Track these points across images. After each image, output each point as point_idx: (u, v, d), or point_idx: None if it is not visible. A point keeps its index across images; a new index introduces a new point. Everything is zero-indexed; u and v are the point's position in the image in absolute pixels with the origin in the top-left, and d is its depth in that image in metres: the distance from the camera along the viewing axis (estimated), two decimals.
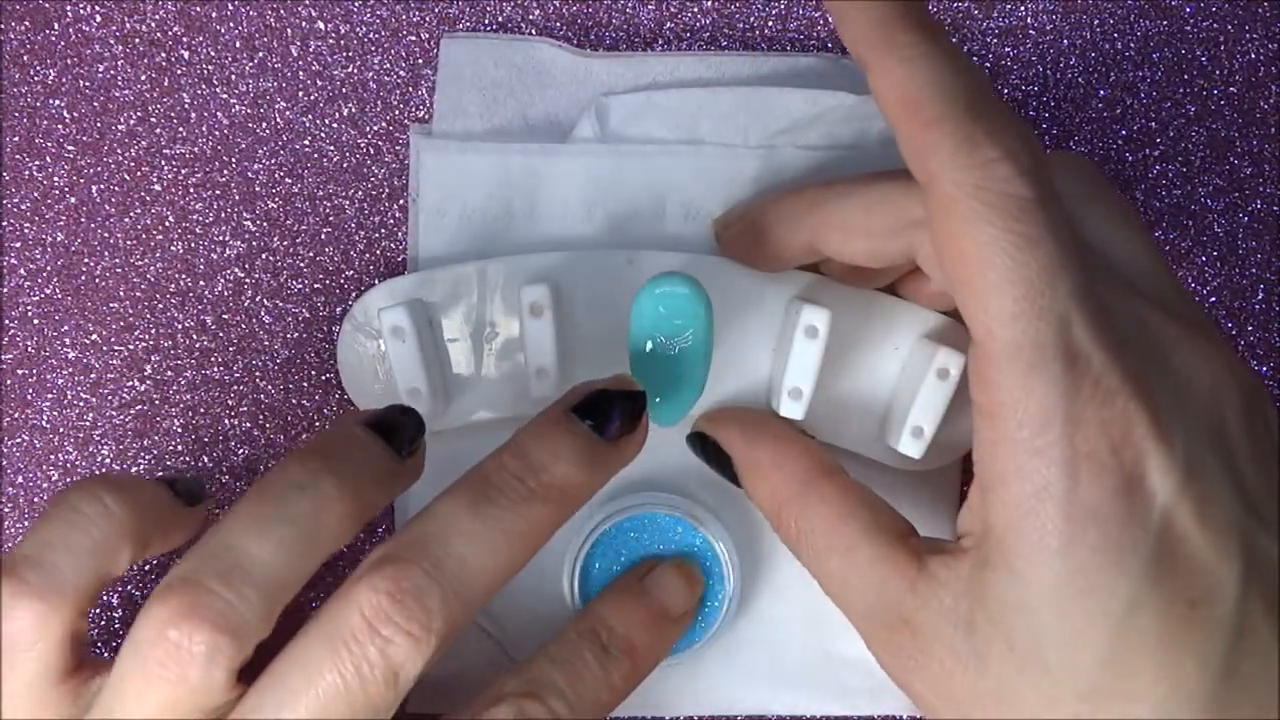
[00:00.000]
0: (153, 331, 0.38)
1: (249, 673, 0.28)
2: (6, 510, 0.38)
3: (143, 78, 0.38)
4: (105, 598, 0.38)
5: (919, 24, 0.27)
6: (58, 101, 0.38)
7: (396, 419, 0.31)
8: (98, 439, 0.38)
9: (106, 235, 0.38)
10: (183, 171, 0.38)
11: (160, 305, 0.38)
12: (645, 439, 0.31)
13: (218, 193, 0.38)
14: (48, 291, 0.38)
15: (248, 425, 0.38)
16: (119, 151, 0.38)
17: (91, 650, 0.38)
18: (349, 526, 0.29)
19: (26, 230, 0.38)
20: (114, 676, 0.28)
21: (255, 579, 0.27)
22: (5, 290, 0.38)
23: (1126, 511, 0.26)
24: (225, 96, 0.38)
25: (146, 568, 0.38)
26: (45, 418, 0.38)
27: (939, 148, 0.26)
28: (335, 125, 0.38)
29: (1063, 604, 0.27)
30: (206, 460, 0.38)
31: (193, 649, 0.27)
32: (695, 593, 0.35)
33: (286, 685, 0.27)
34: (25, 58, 0.38)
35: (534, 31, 0.38)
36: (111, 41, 0.38)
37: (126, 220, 0.38)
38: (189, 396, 0.38)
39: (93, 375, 0.38)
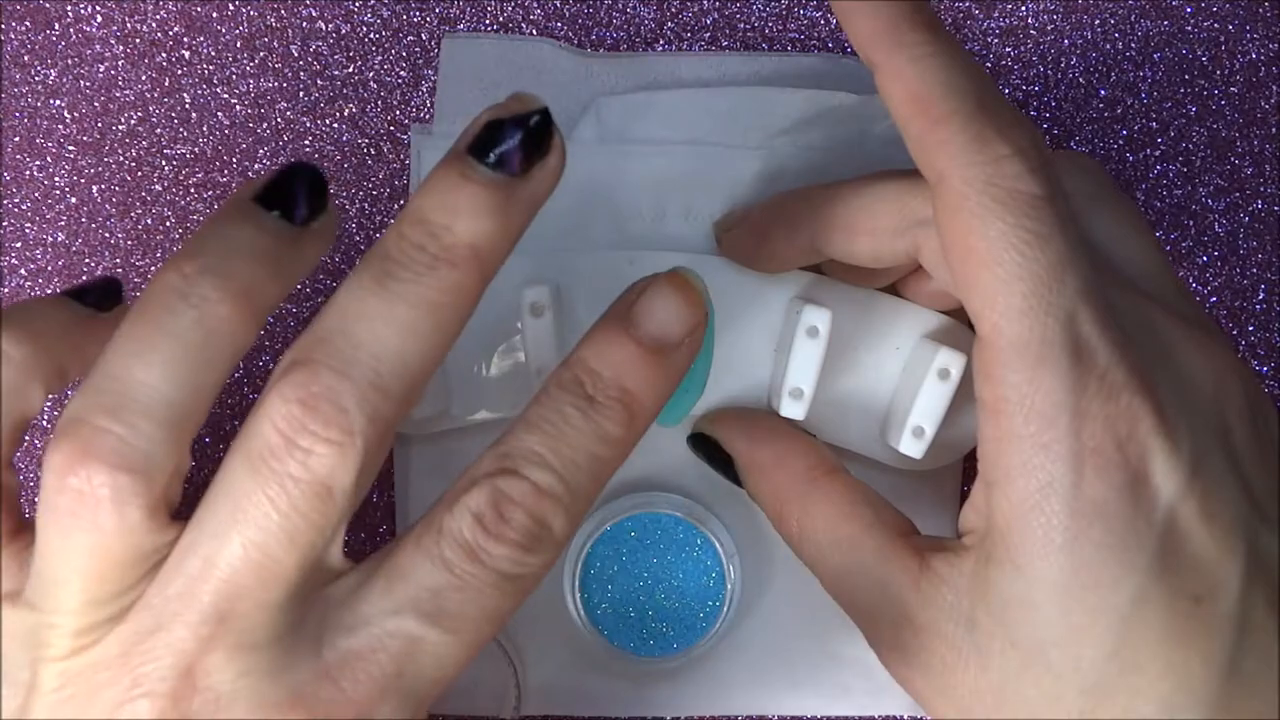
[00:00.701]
0: None
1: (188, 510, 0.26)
2: None
3: (143, 78, 0.38)
4: None
5: (927, 23, 0.27)
6: (58, 101, 0.38)
7: (283, 181, 0.27)
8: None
9: (107, 235, 0.38)
10: (183, 172, 0.38)
11: None
12: (563, 161, 0.27)
13: (218, 193, 0.38)
14: (48, 291, 0.38)
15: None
16: (120, 151, 0.38)
17: None
18: (245, 328, 0.26)
19: (27, 230, 0.38)
20: (37, 539, 0.26)
21: (146, 407, 0.25)
22: (6, 291, 0.38)
23: (1131, 507, 0.26)
24: (226, 96, 0.38)
25: None
26: (45, 417, 0.38)
27: (949, 144, 0.27)
28: (336, 125, 0.38)
29: (1067, 599, 0.27)
30: (207, 461, 0.38)
31: (96, 492, 0.24)
32: (698, 308, 0.28)
33: (217, 517, 0.25)
34: (26, 58, 0.38)
35: (534, 32, 0.38)
36: (112, 41, 0.38)
37: (127, 220, 0.38)
38: None
39: None
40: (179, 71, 0.38)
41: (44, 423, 0.38)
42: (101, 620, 0.25)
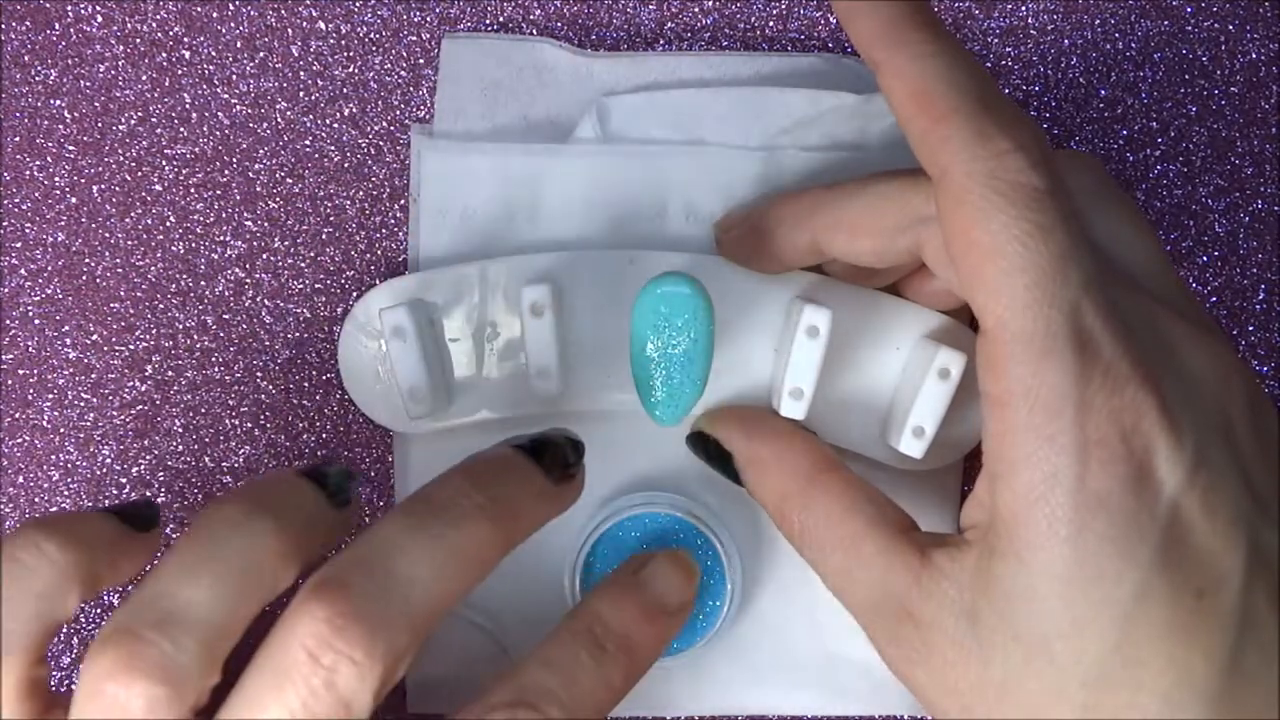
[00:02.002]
0: (154, 332, 0.38)
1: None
2: (7, 511, 0.38)
3: (144, 78, 0.38)
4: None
5: (928, 23, 0.27)
6: (59, 102, 0.38)
7: (324, 469, 0.30)
8: (98, 439, 0.38)
9: (107, 235, 0.38)
10: (184, 171, 0.38)
11: (161, 305, 0.38)
12: (581, 490, 0.31)
13: (219, 193, 0.38)
14: (49, 292, 0.38)
15: (249, 425, 0.38)
16: (120, 151, 0.38)
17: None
18: (287, 568, 0.28)
19: (27, 230, 0.38)
20: None
21: (191, 625, 0.26)
22: (6, 290, 0.38)
23: (1135, 500, 0.26)
24: (226, 96, 0.38)
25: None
26: (46, 418, 0.38)
27: (951, 140, 0.27)
28: (336, 125, 0.38)
29: (1070, 592, 0.27)
30: (207, 460, 0.38)
31: (130, 702, 0.26)
32: (692, 584, 0.33)
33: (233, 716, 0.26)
34: (26, 58, 0.38)
35: (535, 32, 0.38)
36: (112, 42, 0.38)
37: (127, 220, 0.38)
38: (190, 397, 0.38)
39: (93, 375, 0.38)
40: (179, 71, 0.38)
41: (44, 422, 0.38)
42: None
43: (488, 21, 0.38)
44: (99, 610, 0.38)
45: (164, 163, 0.38)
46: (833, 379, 0.35)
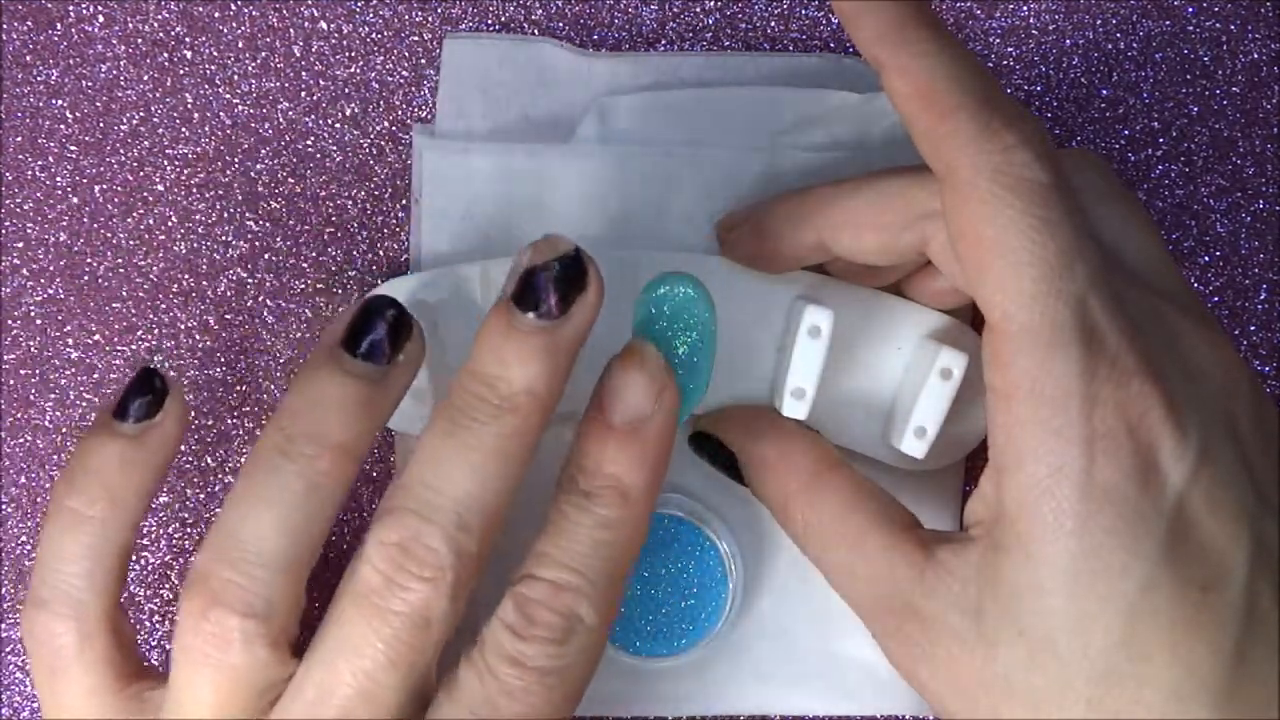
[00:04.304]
0: (155, 332, 0.38)
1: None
2: (9, 511, 0.38)
3: (145, 78, 0.38)
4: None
5: (930, 22, 0.28)
6: (60, 102, 0.38)
7: (364, 321, 0.30)
8: None
9: (109, 235, 0.38)
10: (185, 171, 0.38)
11: (163, 305, 0.38)
12: (601, 292, 0.29)
13: (220, 193, 0.38)
14: (50, 292, 0.38)
15: (250, 425, 0.38)
16: (121, 152, 0.38)
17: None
18: (345, 472, 0.29)
19: (29, 230, 0.38)
20: (170, 679, 0.29)
21: (262, 558, 0.28)
22: (8, 291, 0.38)
23: (1140, 493, 0.27)
24: (228, 96, 0.38)
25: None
26: (48, 418, 0.38)
27: (956, 136, 0.27)
28: (338, 125, 0.38)
29: (1076, 585, 0.27)
30: (209, 460, 0.38)
31: (227, 635, 0.28)
32: (655, 378, 0.30)
33: (327, 648, 0.28)
34: (28, 58, 0.38)
35: (536, 32, 0.38)
36: (114, 42, 0.38)
37: (129, 220, 0.38)
38: (191, 397, 0.38)
39: (95, 375, 0.38)
40: (181, 71, 0.38)
41: (45, 423, 0.38)
42: None
43: (489, 21, 0.38)
44: None
45: (166, 163, 0.38)
46: (835, 379, 0.35)
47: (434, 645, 0.28)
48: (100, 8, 0.38)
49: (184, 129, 0.38)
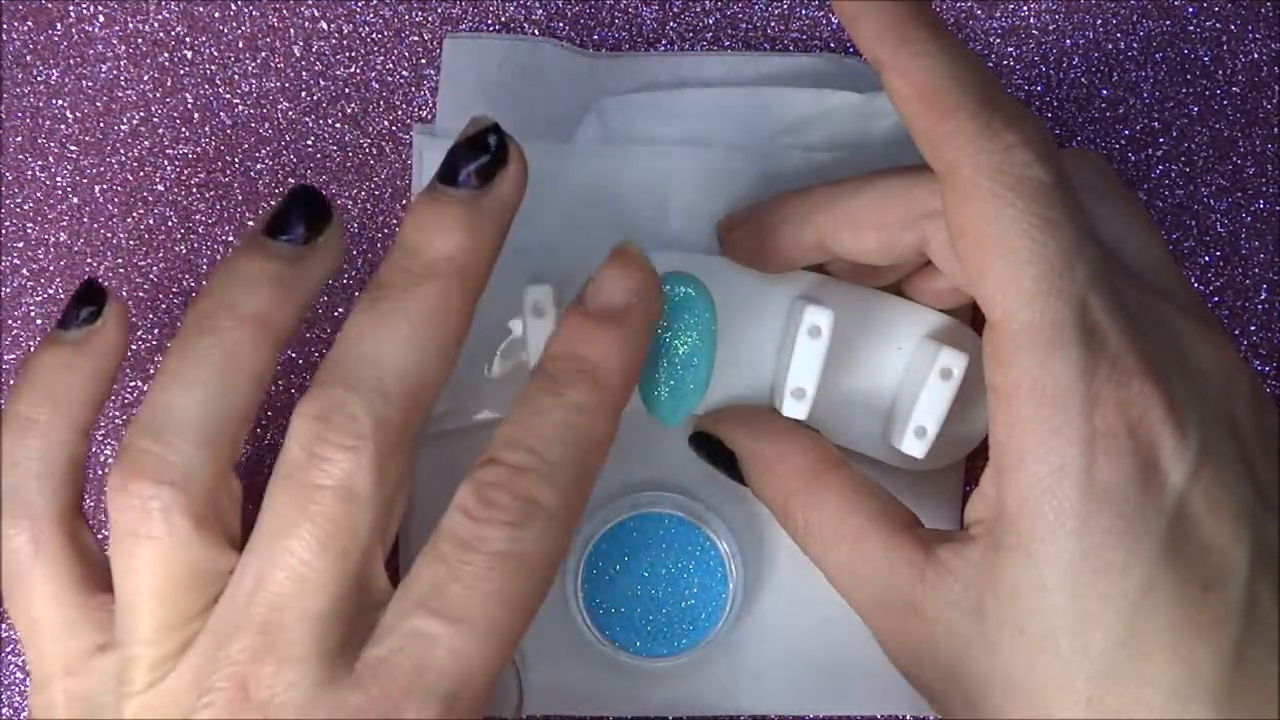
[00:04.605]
0: (155, 332, 0.38)
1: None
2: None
3: (145, 78, 0.38)
4: None
5: (931, 22, 0.28)
6: (60, 102, 0.38)
7: (283, 208, 0.30)
8: (100, 439, 0.38)
9: (109, 235, 0.38)
10: (185, 171, 0.38)
11: (163, 305, 0.38)
12: (523, 168, 0.29)
13: (220, 193, 0.38)
14: (50, 292, 0.38)
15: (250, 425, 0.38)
16: (122, 152, 0.38)
17: None
18: (262, 349, 0.29)
19: (29, 230, 0.38)
20: (112, 571, 0.29)
21: (179, 426, 0.28)
22: (8, 291, 0.38)
23: (1141, 492, 0.27)
24: (228, 96, 0.38)
25: None
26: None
27: (957, 135, 0.27)
28: (338, 125, 0.38)
29: (1077, 584, 0.27)
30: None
31: (146, 505, 0.27)
32: (635, 274, 0.29)
33: (260, 535, 0.28)
34: (28, 58, 0.38)
35: (536, 32, 0.38)
36: (114, 42, 0.38)
37: (129, 220, 0.38)
38: None
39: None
40: (181, 71, 0.38)
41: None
42: (173, 650, 0.28)
43: (489, 21, 0.38)
44: None
45: (166, 163, 0.38)
46: (835, 379, 0.35)
47: (366, 527, 0.27)
48: (100, 8, 0.38)
49: (184, 129, 0.38)
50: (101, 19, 0.38)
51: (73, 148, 0.38)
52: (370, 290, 0.29)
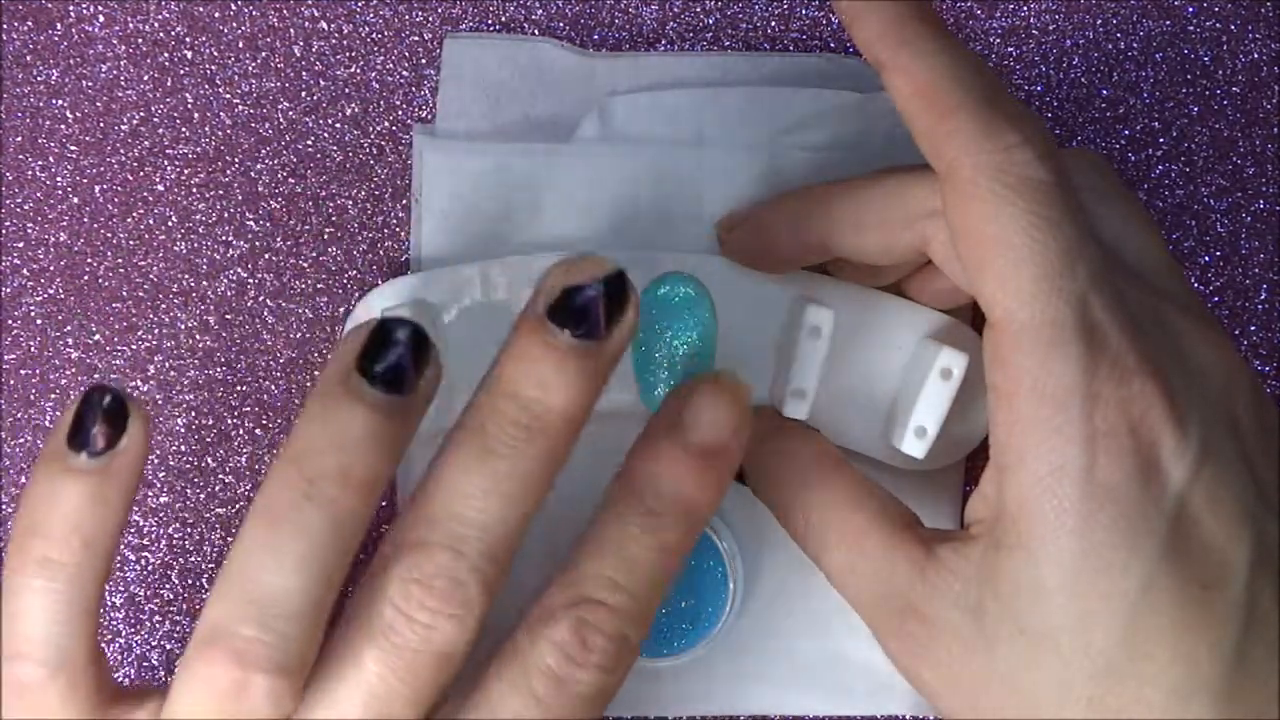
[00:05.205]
0: (155, 332, 0.38)
1: None
2: (9, 511, 0.38)
3: (145, 78, 0.38)
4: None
5: (932, 21, 0.28)
6: (60, 102, 0.38)
7: (382, 342, 0.27)
8: None
9: (109, 235, 0.38)
10: (185, 171, 0.38)
11: (163, 305, 0.38)
12: (638, 315, 0.28)
13: (220, 193, 0.38)
14: (50, 292, 0.38)
15: (250, 425, 0.38)
16: (122, 151, 0.38)
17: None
18: (365, 510, 0.27)
19: (29, 230, 0.38)
20: None
21: (289, 610, 0.26)
22: (8, 291, 0.38)
23: (1141, 492, 0.27)
24: (228, 96, 0.38)
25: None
26: (48, 418, 0.38)
27: (958, 134, 0.27)
28: (338, 125, 0.38)
29: (1077, 583, 0.27)
30: (210, 461, 0.38)
31: (253, 698, 0.26)
32: (743, 408, 0.29)
33: (343, 688, 0.27)
34: (28, 58, 0.38)
35: (537, 32, 0.38)
36: (114, 42, 0.38)
37: (129, 220, 0.38)
38: (191, 397, 0.38)
39: (96, 375, 0.38)
40: (181, 71, 0.38)
41: (46, 422, 0.38)
42: None
43: (490, 21, 0.38)
44: None
45: (166, 163, 0.38)
46: (835, 379, 0.35)
47: (452, 679, 0.27)
48: (100, 8, 0.38)
49: (184, 129, 0.38)
50: (101, 19, 0.38)
51: (73, 148, 0.38)
52: (476, 440, 0.27)
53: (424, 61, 0.38)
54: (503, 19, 0.38)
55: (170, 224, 0.38)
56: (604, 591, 0.27)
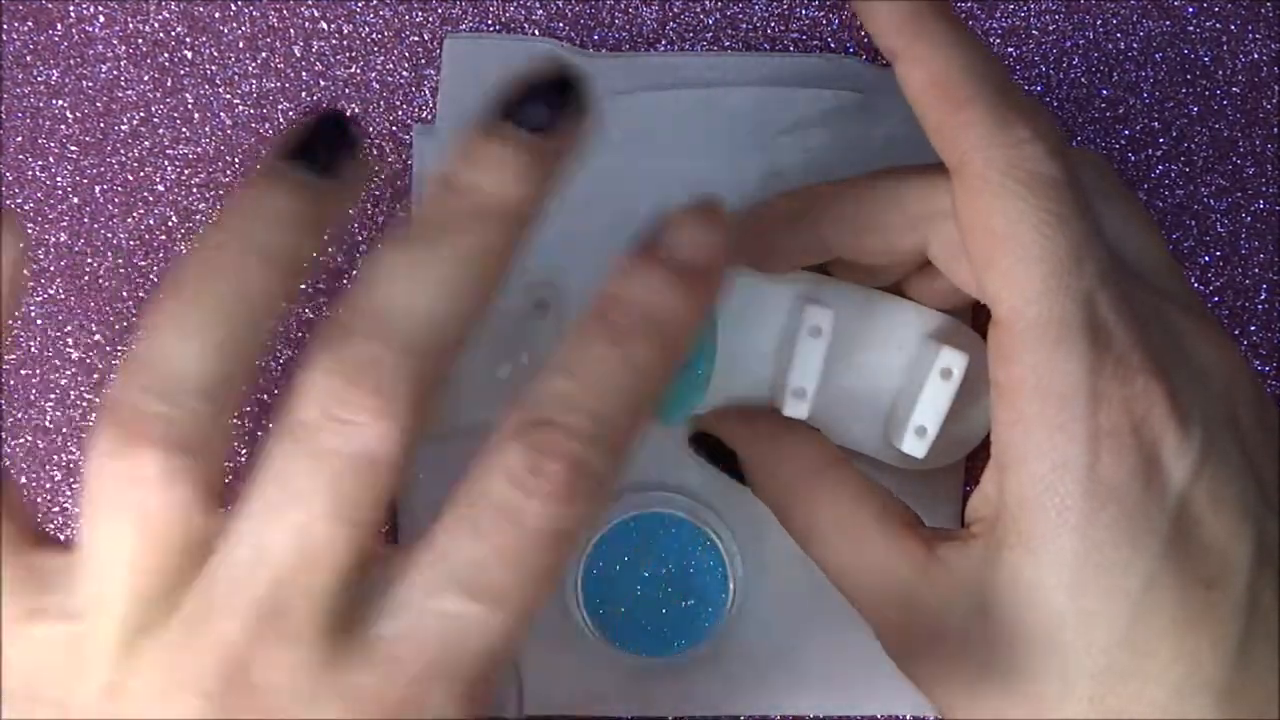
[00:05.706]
0: None
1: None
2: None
3: (146, 78, 0.38)
4: None
5: (947, 14, 0.28)
6: (60, 102, 0.38)
7: (307, 135, 0.25)
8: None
9: (110, 236, 0.38)
10: (186, 172, 0.38)
11: None
12: (592, 121, 0.26)
13: (220, 193, 0.38)
14: (51, 292, 0.38)
15: (250, 425, 0.38)
16: (122, 152, 0.38)
17: None
18: (277, 288, 0.25)
19: (30, 231, 0.38)
20: (82, 536, 0.24)
21: (191, 383, 0.24)
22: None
23: (1143, 491, 0.27)
24: (228, 97, 0.38)
25: None
26: (49, 418, 0.38)
27: (971, 128, 0.27)
28: None
29: (1079, 581, 0.27)
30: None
31: (147, 475, 0.23)
32: (724, 230, 0.26)
33: (264, 499, 0.24)
34: (28, 58, 0.38)
35: (536, 32, 0.38)
36: (115, 42, 0.38)
37: (129, 220, 0.38)
38: None
39: (96, 376, 0.38)
40: (181, 72, 0.38)
41: (46, 423, 0.38)
42: (150, 622, 0.24)
43: (489, 22, 0.38)
44: None
45: (166, 163, 0.38)
46: (835, 378, 0.35)
47: (381, 496, 0.24)
48: (100, 8, 0.38)
49: (184, 129, 0.38)
50: (101, 19, 0.38)
51: (73, 148, 0.38)
52: (408, 229, 0.25)
53: (424, 61, 0.38)
54: (503, 19, 0.38)
55: (170, 224, 0.38)
56: (560, 410, 0.24)
